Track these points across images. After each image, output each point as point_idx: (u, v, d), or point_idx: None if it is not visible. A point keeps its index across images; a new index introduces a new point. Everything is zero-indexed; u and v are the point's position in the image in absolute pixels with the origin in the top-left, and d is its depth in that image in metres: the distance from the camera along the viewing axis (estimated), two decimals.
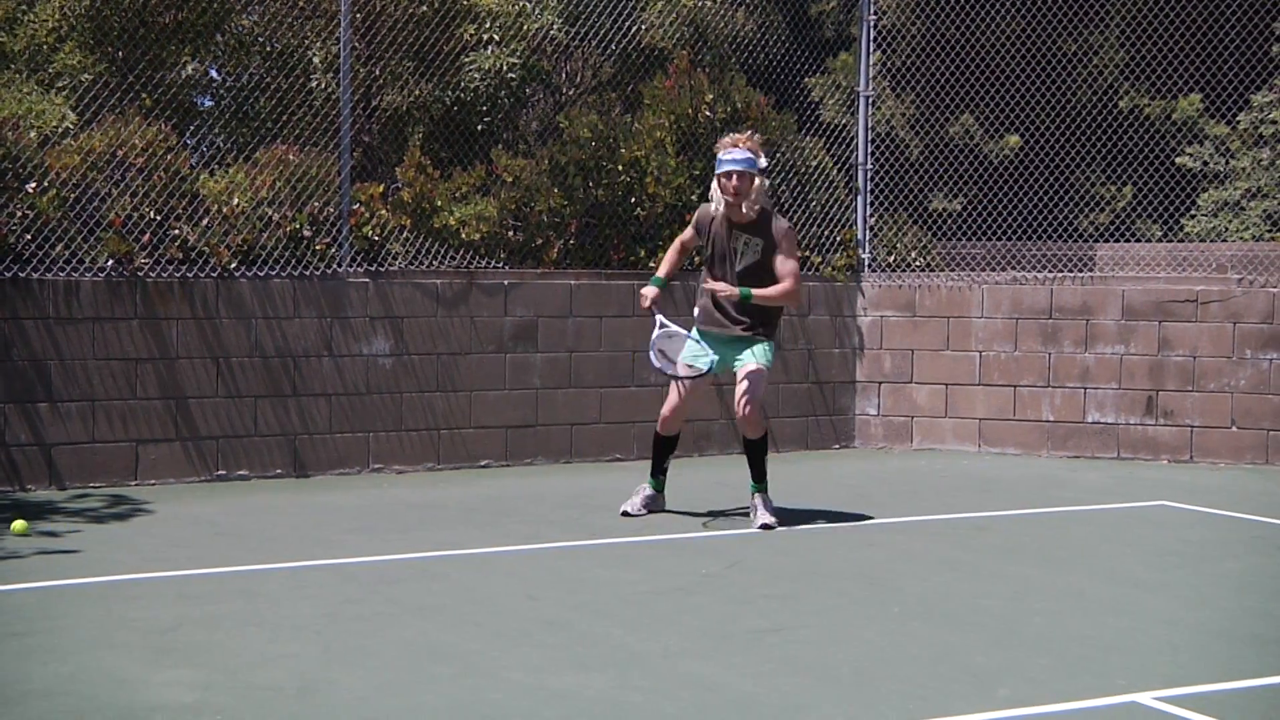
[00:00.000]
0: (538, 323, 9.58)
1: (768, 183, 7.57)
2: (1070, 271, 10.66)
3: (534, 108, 11.65)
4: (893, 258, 10.92)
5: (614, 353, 9.80)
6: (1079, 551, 7.09)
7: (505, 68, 10.29)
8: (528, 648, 5.20)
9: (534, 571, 6.48)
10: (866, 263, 10.81)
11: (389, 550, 6.82)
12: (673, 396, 7.67)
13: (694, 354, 7.55)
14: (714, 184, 7.48)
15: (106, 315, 8.40)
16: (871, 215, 10.95)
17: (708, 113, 10.31)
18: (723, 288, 7.37)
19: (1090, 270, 10.96)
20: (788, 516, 7.68)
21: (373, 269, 9.15)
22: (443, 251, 9.42)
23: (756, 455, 7.60)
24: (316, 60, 10.20)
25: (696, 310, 7.65)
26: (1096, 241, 11.67)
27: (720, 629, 5.52)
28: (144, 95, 9.18)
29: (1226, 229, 11.81)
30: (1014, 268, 10.78)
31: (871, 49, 11.00)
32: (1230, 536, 7.58)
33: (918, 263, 10.95)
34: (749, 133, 7.73)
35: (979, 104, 11.80)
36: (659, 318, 7.57)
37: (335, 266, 9.04)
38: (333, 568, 6.48)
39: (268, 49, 10.14)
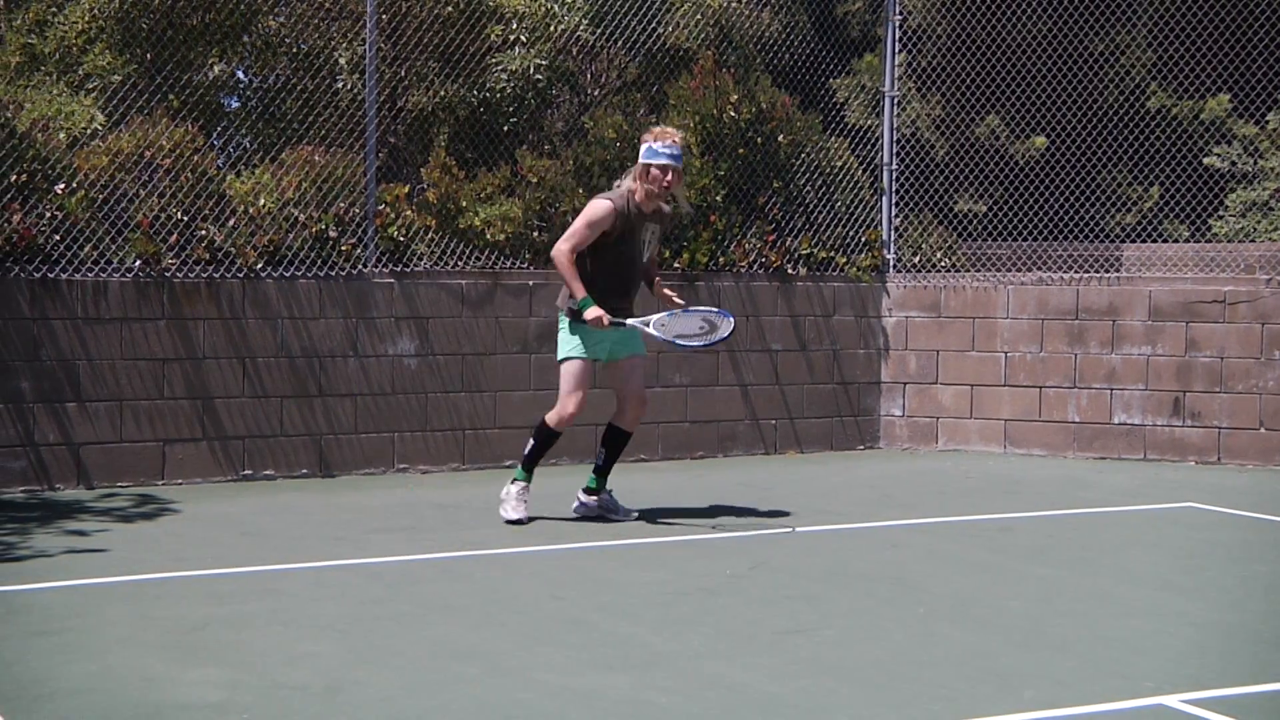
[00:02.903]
0: None
1: None
2: (1096, 272, 10.62)
3: (559, 108, 11.66)
4: (918, 258, 10.89)
5: None
6: (1106, 553, 7.06)
7: (532, 69, 10.31)
8: (552, 648, 5.21)
9: (559, 572, 6.48)
10: (892, 263, 10.79)
11: (414, 550, 6.84)
12: (580, 395, 7.35)
13: (595, 346, 7.35)
14: (629, 178, 7.34)
15: (134, 315, 8.45)
16: (897, 216, 10.93)
17: (733, 113, 10.31)
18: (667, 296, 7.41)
19: (1117, 271, 10.91)
20: (803, 519, 7.67)
21: (398, 269, 9.17)
22: (468, 252, 9.44)
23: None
24: (342, 61, 10.23)
25: (591, 313, 7.20)
26: (1123, 242, 11.62)
27: (745, 630, 5.51)
28: (171, 96, 9.23)
29: (1255, 229, 11.73)
30: (1040, 268, 10.74)
31: (897, 50, 10.98)
32: (1258, 538, 7.54)
33: (943, 263, 10.92)
34: (673, 128, 7.59)
35: (1005, 105, 11.75)
36: (629, 322, 7.30)
37: (361, 267, 9.07)
38: (358, 567, 6.50)
39: (294, 50, 10.17)
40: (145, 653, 5.06)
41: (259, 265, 8.76)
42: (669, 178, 7.24)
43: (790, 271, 10.39)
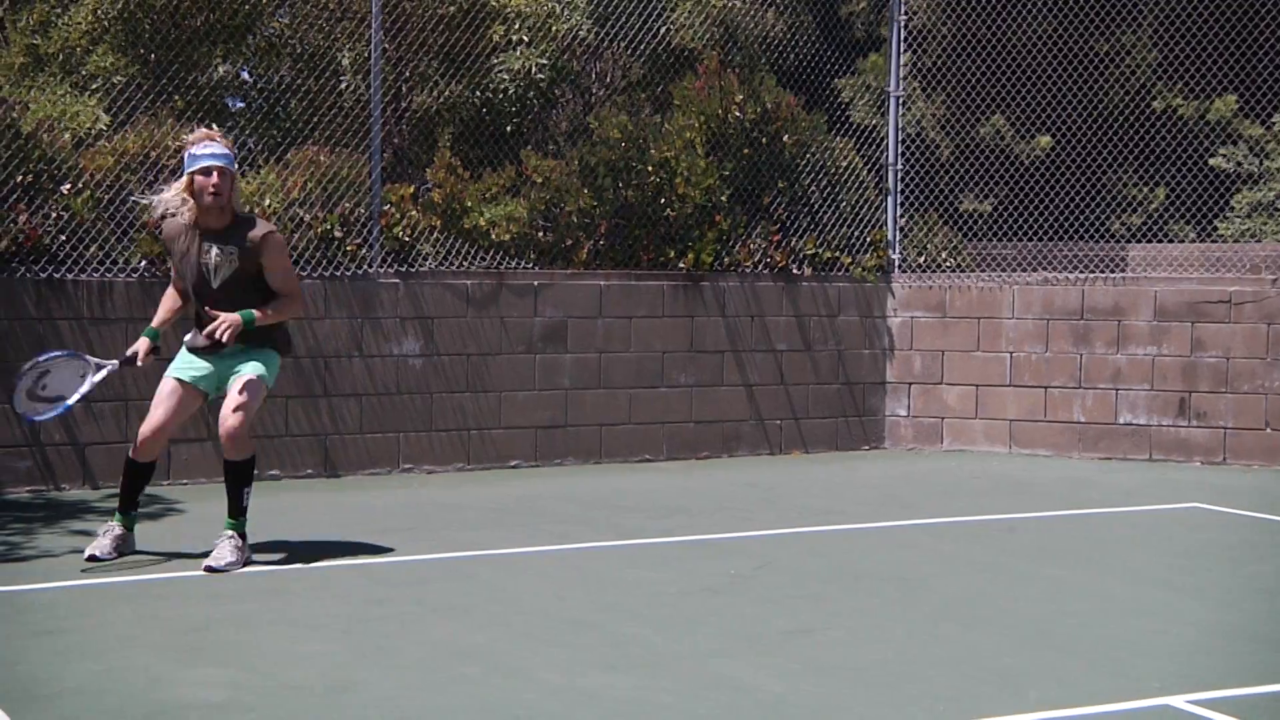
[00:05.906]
0: (567, 323, 9.58)
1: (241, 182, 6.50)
2: (1102, 272, 10.61)
3: (563, 108, 11.65)
4: (923, 258, 10.88)
5: (643, 353, 9.80)
6: (1110, 553, 7.05)
7: (533, 69, 10.30)
8: (557, 648, 5.20)
9: (563, 572, 6.48)
10: (897, 263, 10.78)
11: (418, 550, 6.84)
12: (157, 414, 6.42)
13: (190, 368, 6.48)
14: (177, 189, 6.29)
15: (140, 315, 8.44)
16: (902, 216, 10.92)
17: (738, 113, 10.30)
18: (224, 323, 6.21)
19: (1122, 271, 10.89)
20: (819, 518, 7.66)
21: (403, 270, 9.17)
22: (473, 252, 9.43)
23: (238, 482, 6.45)
24: (346, 62, 10.24)
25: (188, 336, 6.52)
26: (1129, 242, 11.60)
27: (750, 630, 5.51)
28: (176, 97, 9.23)
29: (1261, 230, 11.72)
30: (1045, 268, 10.73)
31: (902, 49, 10.97)
32: (1263, 539, 7.53)
33: (948, 263, 10.91)
34: (218, 129, 6.68)
35: (1010, 104, 11.74)
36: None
37: (366, 267, 9.07)
38: (362, 567, 6.50)
39: (298, 51, 10.18)
40: (149, 652, 5.06)
41: None
42: (213, 179, 6.21)
43: (795, 272, 10.38)
